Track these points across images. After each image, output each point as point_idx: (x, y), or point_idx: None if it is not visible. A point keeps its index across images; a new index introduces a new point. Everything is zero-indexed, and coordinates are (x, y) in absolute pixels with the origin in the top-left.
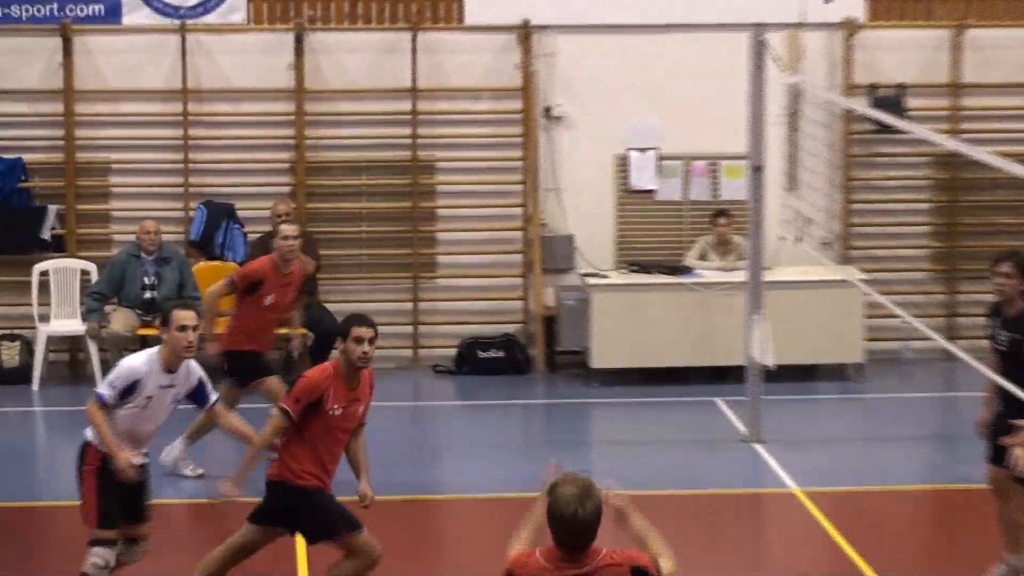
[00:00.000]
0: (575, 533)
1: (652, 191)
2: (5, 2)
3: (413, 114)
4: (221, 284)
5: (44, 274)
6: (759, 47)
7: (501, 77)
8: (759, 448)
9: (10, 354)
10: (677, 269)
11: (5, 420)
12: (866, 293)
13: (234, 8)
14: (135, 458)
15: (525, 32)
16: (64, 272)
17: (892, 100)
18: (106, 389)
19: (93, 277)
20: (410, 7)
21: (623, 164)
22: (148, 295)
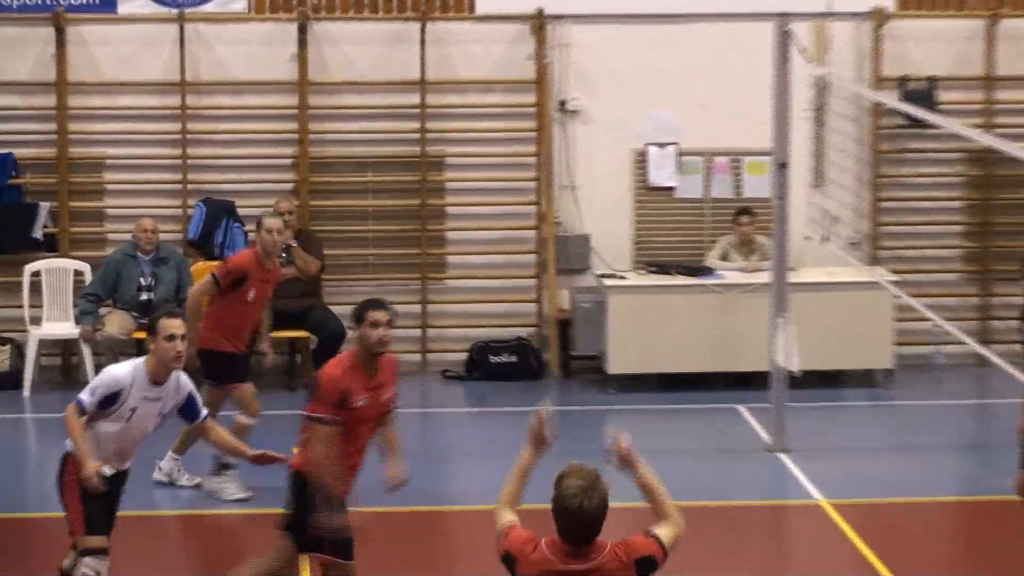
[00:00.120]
0: (580, 526)
1: (671, 188)
2: None
3: (422, 108)
4: (204, 282)
5: (36, 275)
6: (784, 38)
7: (514, 69)
8: (783, 458)
9: (0, 359)
10: (698, 270)
11: None
12: (896, 295)
13: None
14: (107, 469)
15: (539, 22)
16: (57, 272)
17: (923, 93)
18: (86, 396)
19: (87, 278)
20: None
21: (641, 160)
22: (144, 297)
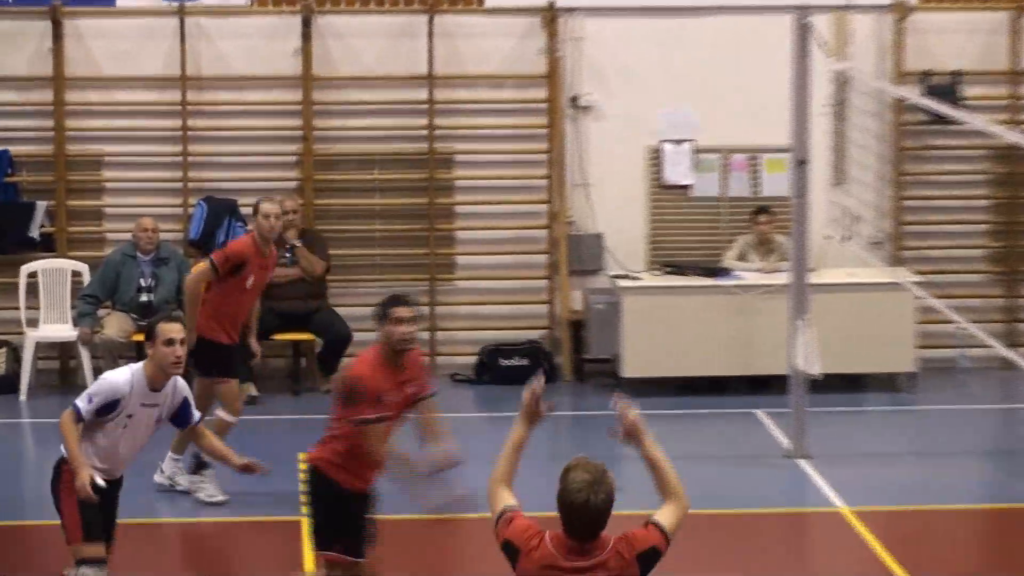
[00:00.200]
0: (586, 521)
1: (687, 186)
2: None
3: (429, 103)
4: (202, 270)
5: (32, 275)
6: (803, 31)
7: (524, 63)
8: (804, 464)
9: None
10: (714, 271)
11: None
12: (919, 296)
13: None
14: (101, 480)
15: (550, 15)
16: (54, 273)
17: (947, 88)
18: (83, 403)
19: (85, 279)
20: None
21: (656, 157)
22: (144, 298)
